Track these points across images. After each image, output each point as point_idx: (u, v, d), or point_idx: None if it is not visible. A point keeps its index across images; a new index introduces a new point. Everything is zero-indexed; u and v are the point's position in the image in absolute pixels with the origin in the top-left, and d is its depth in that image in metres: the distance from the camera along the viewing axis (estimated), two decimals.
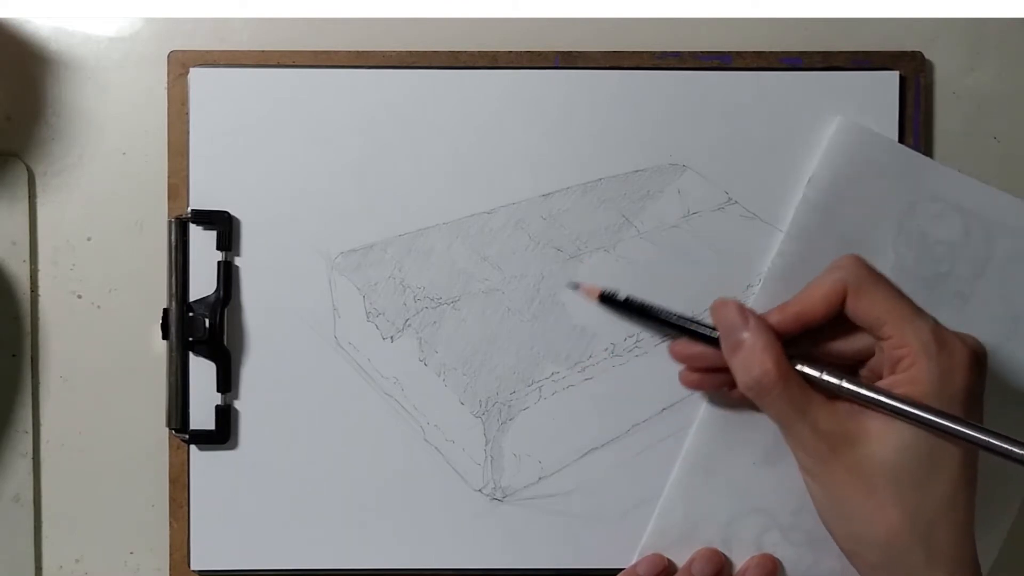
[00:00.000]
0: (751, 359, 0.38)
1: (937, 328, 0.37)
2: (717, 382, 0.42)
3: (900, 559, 0.36)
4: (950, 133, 0.46)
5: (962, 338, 0.37)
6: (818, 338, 0.39)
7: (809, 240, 0.44)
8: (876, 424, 0.37)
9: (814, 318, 0.38)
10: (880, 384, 0.37)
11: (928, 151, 0.46)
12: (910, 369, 0.36)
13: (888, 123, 0.45)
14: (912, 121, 0.45)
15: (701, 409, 0.44)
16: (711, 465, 0.43)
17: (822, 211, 0.44)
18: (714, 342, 0.40)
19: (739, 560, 0.43)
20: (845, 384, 0.37)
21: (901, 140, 0.45)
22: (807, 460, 0.38)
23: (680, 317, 0.42)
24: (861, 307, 0.37)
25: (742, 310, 0.39)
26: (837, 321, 0.38)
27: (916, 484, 0.36)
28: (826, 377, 0.38)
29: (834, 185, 0.44)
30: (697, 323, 0.41)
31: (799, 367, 0.38)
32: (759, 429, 0.43)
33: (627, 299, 0.43)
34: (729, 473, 0.43)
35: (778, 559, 0.43)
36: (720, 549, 0.43)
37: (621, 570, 0.43)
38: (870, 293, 0.37)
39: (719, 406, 0.43)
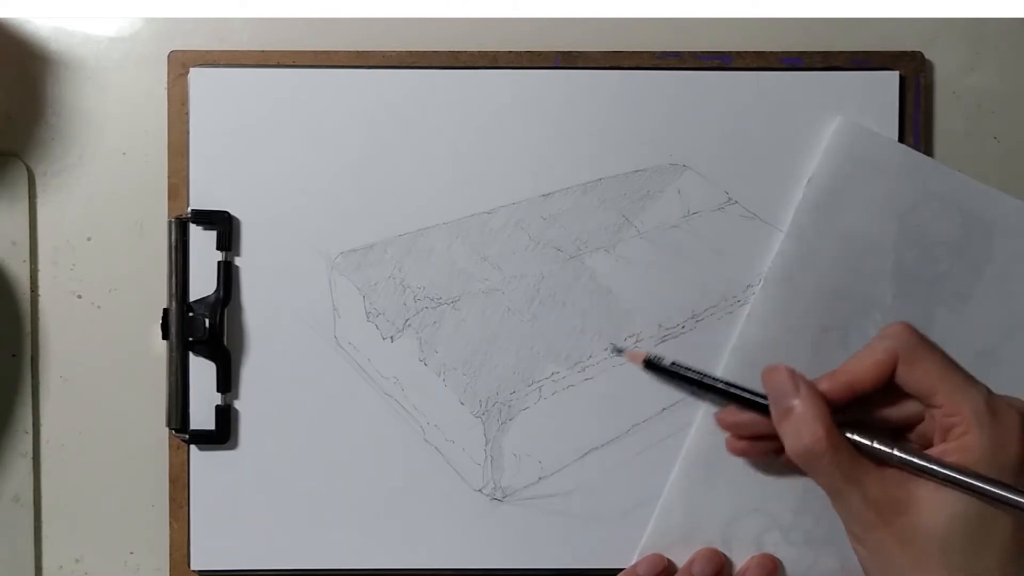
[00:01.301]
0: (801, 427, 0.37)
1: (990, 397, 0.37)
2: (764, 449, 0.42)
3: None
4: (950, 133, 0.46)
5: (1013, 404, 0.37)
6: (866, 404, 0.39)
7: (809, 240, 0.44)
8: (926, 492, 0.36)
9: (865, 386, 0.38)
10: (931, 452, 0.37)
11: (928, 151, 0.46)
12: (962, 438, 0.36)
13: (888, 123, 0.45)
14: (912, 121, 0.45)
15: (701, 409, 0.44)
16: (711, 465, 0.43)
17: (822, 211, 0.44)
18: (762, 409, 0.40)
19: (739, 560, 0.43)
20: (896, 452, 0.37)
21: (901, 140, 0.45)
22: (856, 527, 0.38)
23: (728, 384, 0.41)
24: (913, 376, 0.37)
25: (793, 376, 0.39)
26: (886, 387, 0.38)
27: (967, 553, 0.36)
28: (877, 445, 0.37)
29: (834, 185, 0.44)
30: (745, 390, 0.41)
31: (849, 435, 0.38)
32: None
33: (673, 364, 0.42)
34: (729, 473, 0.43)
35: (778, 559, 0.43)
36: (720, 549, 0.43)
37: (621, 570, 0.43)
38: (922, 362, 0.37)
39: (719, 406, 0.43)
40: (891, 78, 0.45)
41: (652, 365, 0.43)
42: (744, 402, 0.41)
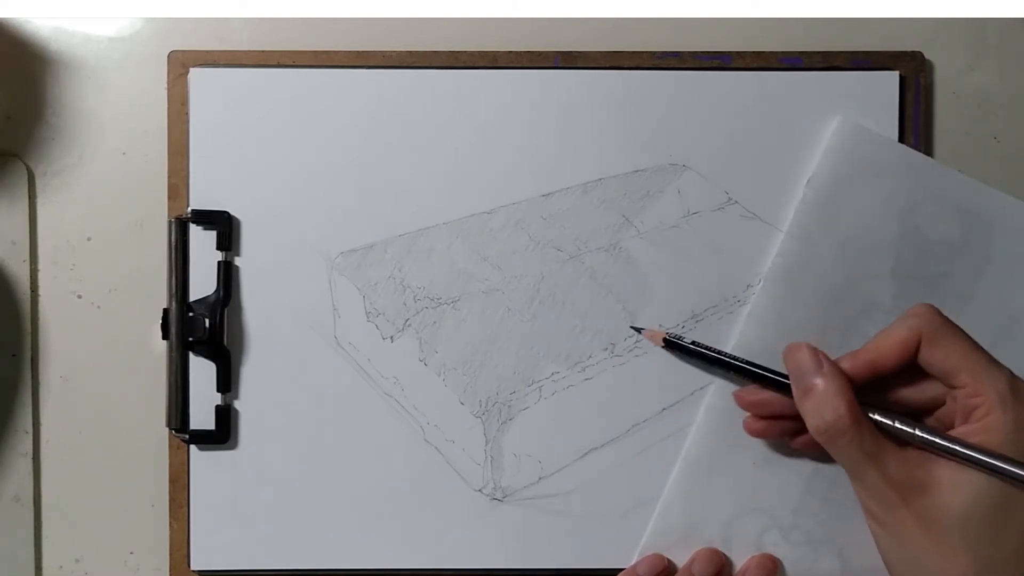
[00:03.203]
0: (824, 404, 0.38)
1: (1013, 379, 0.37)
2: (782, 430, 0.42)
3: None
4: (950, 133, 0.46)
5: None
6: (887, 386, 0.39)
7: (809, 240, 0.44)
8: (947, 473, 0.36)
9: (887, 366, 0.38)
10: (953, 433, 0.37)
11: (928, 151, 0.46)
12: (985, 419, 0.36)
13: (888, 123, 0.45)
14: (912, 121, 0.45)
15: (701, 409, 0.44)
16: (711, 465, 0.43)
17: (822, 211, 0.44)
18: (783, 388, 0.40)
19: (739, 560, 0.43)
20: (919, 432, 0.37)
21: (901, 140, 0.45)
22: (876, 507, 0.38)
23: (748, 362, 0.41)
24: (936, 356, 0.37)
25: (815, 354, 0.39)
26: (907, 369, 0.38)
27: (987, 534, 0.36)
28: (899, 425, 0.38)
29: (834, 185, 0.44)
30: (766, 369, 0.41)
31: (871, 414, 0.38)
32: None
33: (693, 343, 0.43)
34: (729, 473, 0.43)
35: (778, 559, 0.43)
36: (720, 549, 0.43)
37: (621, 570, 0.43)
38: (945, 342, 0.37)
39: (719, 406, 0.43)
40: (891, 78, 0.45)
41: (672, 344, 0.43)
42: (765, 380, 0.41)
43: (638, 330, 0.44)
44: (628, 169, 0.45)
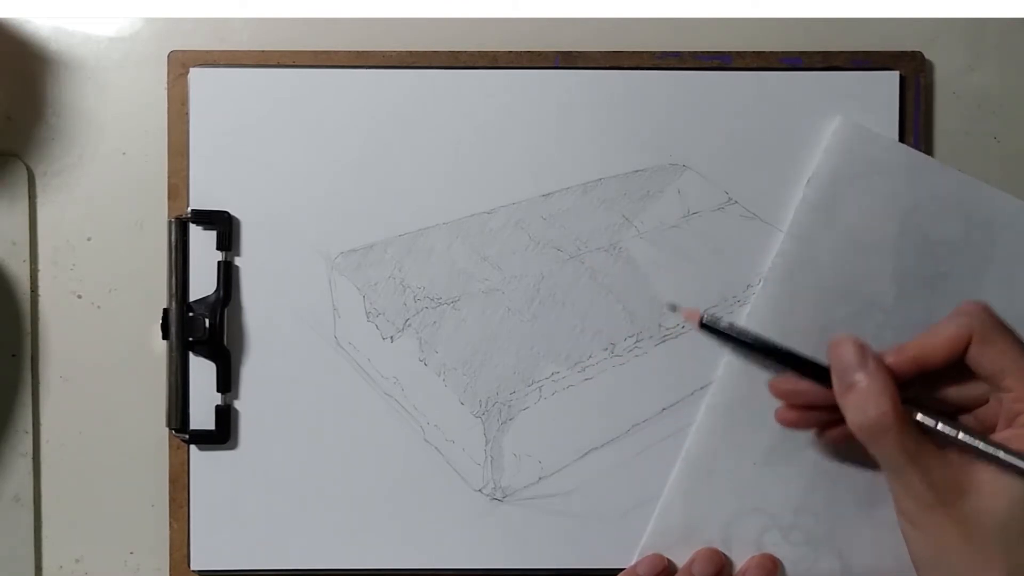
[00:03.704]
0: (867, 400, 0.37)
1: None
2: (815, 421, 0.41)
3: None
4: (950, 133, 0.46)
5: None
6: (930, 382, 0.38)
7: (809, 240, 0.44)
8: (987, 477, 0.36)
9: (933, 363, 0.37)
10: (995, 437, 0.37)
11: (928, 151, 0.46)
12: None
13: (888, 123, 0.45)
14: (912, 121, 0.45)
15: (701, 409, 0.44)
16: (711, 465, 0.43)
17: (822, 211, 0.44)
18: (823, 379, 0.38)
19: (739, 560, 0.43)
20: (962, 436, 0.36)
21: (901, 140, 0.45)
22: (912, 507, 0.37)
23: (788, 350, 0.40)
24: (986, 356, 0.37)
25: (861, 349, 0.38)
26: (951, 367, 0.37)
27: None
28: (941, 427, 0.37)
29: (834, 185, 0.44)
30: (805, 357, 0.39)
31: (914, 414, 0.37)
32: (759, 429, 0.43)
33: (730, 325, 0.40)
34: (729, 473, 0.43)
35: (778, 559, 0.43)
36: (720, 549, 0.43)
37: (621, 570, 0.43)
38: (996, 343, 0.37)
39: (719, 406, 0.43)
40: (891, 78, 0.45)
41: (708, 327, 0.40)
42: (803, 369, 0.39)
43: (675, 308, 0.42)
44: (628, 169, 0.45)
